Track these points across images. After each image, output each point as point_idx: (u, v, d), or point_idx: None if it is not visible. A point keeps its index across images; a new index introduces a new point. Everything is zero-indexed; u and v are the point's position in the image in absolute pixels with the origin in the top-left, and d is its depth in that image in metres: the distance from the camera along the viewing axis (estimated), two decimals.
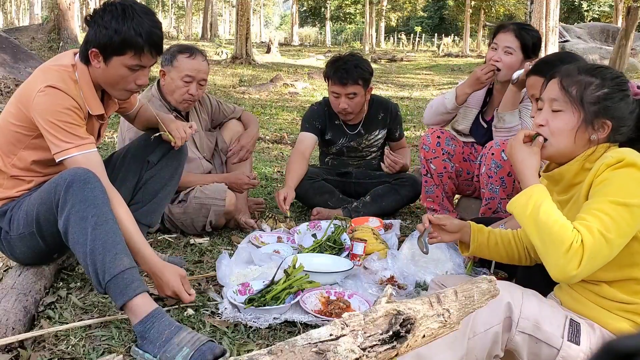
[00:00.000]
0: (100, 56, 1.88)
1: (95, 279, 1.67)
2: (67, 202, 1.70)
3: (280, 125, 6.58)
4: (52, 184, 1.78)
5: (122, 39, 1.83)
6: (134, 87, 1.96)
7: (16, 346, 1.61)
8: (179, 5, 58.50)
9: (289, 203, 2.84)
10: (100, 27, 1.84)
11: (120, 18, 1.83)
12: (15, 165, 1.93)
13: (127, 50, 1.85)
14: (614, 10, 25.87)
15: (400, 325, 0.95)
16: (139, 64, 1.90)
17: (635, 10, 10.31)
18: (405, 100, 10.08)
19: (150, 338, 1.58)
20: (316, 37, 50.97)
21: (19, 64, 8.11)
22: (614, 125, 1.39)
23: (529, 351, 1.31)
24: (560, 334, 1.30)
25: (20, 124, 1.88)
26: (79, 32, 12.26)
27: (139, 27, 1.84)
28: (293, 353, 0.85)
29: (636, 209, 1.25)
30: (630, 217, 1.25)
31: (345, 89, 2.99)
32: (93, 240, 1.65)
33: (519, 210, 1.37)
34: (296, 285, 2.00)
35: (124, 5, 1.86)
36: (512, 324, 1.29)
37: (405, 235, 2.76)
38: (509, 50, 2.67)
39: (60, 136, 1.80)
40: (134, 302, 1.63)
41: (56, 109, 1.80)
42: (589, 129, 1.40)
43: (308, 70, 15.09)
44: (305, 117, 3.28)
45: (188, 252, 2.52)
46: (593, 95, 1.39)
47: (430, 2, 47.09)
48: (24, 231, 1.89)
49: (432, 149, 2.90)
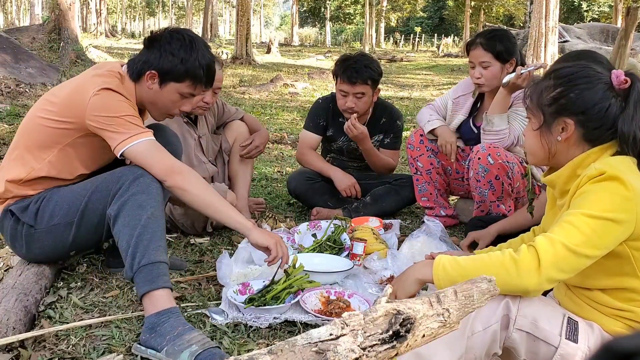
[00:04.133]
0: (157, 79, 1.95)
1: (130, 262, 1.71)
2: (128, 191, 1.78)
3: (280, 126, 6.58)
4: (114, 175, 1.85)
5: (186, 68, 1.93)
6: (176, 113, 2.06)
7: (17, 346, 1.61)
8: (179, 6, 58.52)
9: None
10: (166, 52, 1.93)
11: (188, 48, 1.93)
12: (52, 162, 1.94)
13: (186, 79, 1.95)
14: (614, 10, 25.87)
15: (400, 325, 0.95)
16: (192, 93, 2.01)
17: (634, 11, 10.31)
18: (405, 101, 10.08)
19: (162, 331, 1.61)
20: (316, 37, 50.97)
21: (19, 64, 8.11)
22: (579, 121, 1.36)
23: (526, 349, 1.30)
24: (558, 332, 1.29)
25: (67, 123, 1.89)
26: (80, 33, 12.26)
27: (203, 60, 1.96)
28: (293, 353, 0.85)
29: (610, 222, 1.24)
30: (602, 229, 1.24)
31: (354, 88, 2.98)
32: (144, 226, 1.73)
33: (447, 281, 1.30)
34: (296, 285, 2.00)
35: (191, 36, 1.97)
36: (510, 321, 1.28)
37: (405, 235, 2.76)
38: (485, 64, 2.68)
39: (120, 127, 1.83)
40: (158, 293, 1.68)
41: (115, 108, 1.85)
42: (553, 131, 1.40)
43: (308, 70, 15.09)
44: (310, 114, 3.29)
45: (188, 252, 2.53)
46: (548, 97, 1.39)
47: (430, 2, 47.09)
48: (59, 222, 1.91)
49: (416, 147, 2.95)
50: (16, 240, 1.99)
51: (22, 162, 1.95)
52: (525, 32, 15.38)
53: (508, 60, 2.68)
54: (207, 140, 2.95)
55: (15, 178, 1.94)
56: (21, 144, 1.97)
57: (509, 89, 2.57)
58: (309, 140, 3.23)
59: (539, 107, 1.41)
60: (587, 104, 1.35)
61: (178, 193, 1.86)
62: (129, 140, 1.82)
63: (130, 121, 1.85)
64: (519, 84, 2.54)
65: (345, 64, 3.01)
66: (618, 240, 1.27)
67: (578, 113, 1.36)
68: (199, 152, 2.88)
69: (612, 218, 1.24)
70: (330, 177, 3.12)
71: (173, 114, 2.06)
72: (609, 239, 1.25)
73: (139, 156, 1.84)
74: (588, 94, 1.35)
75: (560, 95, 1.37)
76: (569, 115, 1.37)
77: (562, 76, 1.40)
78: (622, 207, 1.24)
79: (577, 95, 1.36)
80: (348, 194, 3.07)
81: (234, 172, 3.05)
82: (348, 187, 3.06)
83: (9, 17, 47.38)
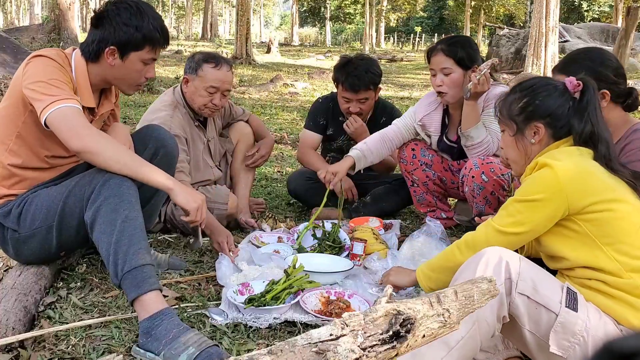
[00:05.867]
0: (117, 53, 1.93)
1: (113, 269, 1.69)
2: (100, 195, 1.74)
3: (280, 125, 6.57)
4: (86, 177, 1.82)
5: (142, 35, 1.91)
6: (144, 81, 2.04)
7: (16, 346, 1.61)
8: (179, 5, 58.49)
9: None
10: (119, 25, 1.90)
11: (138, 14, 1.91)
12: (13, 150, 1.92)
13: (145, 45, 1.94)
14: (614, 10, 25.86)
15: (400, 325, 0.95)
16: (153, 58, 1.99)
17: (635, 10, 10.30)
18: (405, 100, 10.08)
19: (157, 335, 1.59)
20: (316, 37, 50.98)
21: (19, 64, 8.09)
22: (547, 123, 1.55)
23: (529, 318, 1.35)
24: (558, 299, 1.35)
25: (12, 102, 1.89)
26: (79, 32, 12.27)
27: (155, 22, 1.94)
28: (293, 353, 0.85)
29: (533, 202, 1.45)
30: (526, 210, 1.47)
31: (357, 95, 2.97)
32: (120, 231, 1.70)
33: (430, 282, 1.67)
34: (296, 285, 2.00)
35: (136, 2, 1.94)
36: (512, 285, 1.35)
37: (405, 235, 2.76)
38: (447, 71, 2.61)
39: (44, 91, 1.78)
40: (148, 297, 1.65)
41: (42, 70, 1.82)
42: (527, 135, 1.59)
43: (308, 70, 15.09)
44: (310, 113, 3.29)
45: (188, 252, 2.52)
46: (517, 108, 1.60)
47: (430, 2, 47.09)
48: (40, 226, 1.90)
49: (409, 161, 2.91)
50: (5, 244, 1.99)
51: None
52: (526, 32, 15.38)
53: (470, 67, 2.60)
54: (215, 144, 2.95)
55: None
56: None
57: (472, 98, 2.52)
58: (310, 140, 3.23)
59: (511, 118, 1.61)
60: (550, 107, 1.55)
61: (88, 157, 1.78)
62: (50, 107, 1.76)
63: (55, 85, 1.80)
64: (480, 90, 2.48)
65: (345, 70, 2.99)
66: (550, 217, 1.45)
67: (545, 116, 1.56)
68: (207, 156, 2.88)
69: (535, 199, 1.44)
70: None
71: (140, 83, 2.03)
72: (536, 217, 1.45)
73: (55, 123, 1.76)
74: (550, 99, 1.56)
75: (527, 104, 1.58)
76: (538, 120, 1.56)
77: (525, 88, 1.61)
78: (546, 188, 1.43)
79: (541, 102, 1.56)
80: (345, 196, 3.07)
81: (236, 171, 3.05)
82: (345, 190, 3.06)
83: (9, 16, 47.41)
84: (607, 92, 1.85)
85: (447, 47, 2.61)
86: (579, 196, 1.41)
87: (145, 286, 1.65)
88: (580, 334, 1.33)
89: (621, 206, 1.41)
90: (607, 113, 1.88)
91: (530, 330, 1.36)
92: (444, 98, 2.68)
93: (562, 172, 1.42)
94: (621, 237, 1.40)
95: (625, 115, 1.93)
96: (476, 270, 1.36)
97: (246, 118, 3.15)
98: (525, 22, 28.00)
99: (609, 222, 1.40)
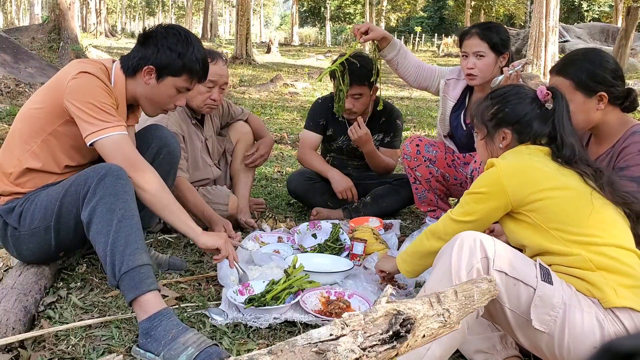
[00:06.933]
0: (155, 74, 1.95)
1: (110, 270, 1.68)
2: (96, 194, 1.74)
3: (280, 125, 6.57)
4: (81, 177, 1.81)
5: (183, 62, 1.95)
6: (171, 107, 2.07)
7: (16, 346, 1.61)
8: (179, 5, 58.52)
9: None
10: (163, 47, 1.94)
11: (184, 43, 1.96)
12: (35, 153, 1.93)
13: (184, 73, 1.97)
14: (614, 10, 25.87)
15: (400, 325, 0.95)
16: (188, 87, 2.03)
17: (635, 10, 10.31)
18: (405, 100, 10.08)
19: (156, 336, 1.59)
20: (316, 37, 50.99)
21: (19, 64, 8.11)
22: (515, 129, 1.67)
23: (508, 295, 1.40)
24: (534, 274, 1.41)
25: (48, 109, 1.90)
26: (79, 32, 12.25)
27: (199, 54, 1.99)
28: (293, 353, 0.85)
29: (478, 195, 1.59)
30: (473, 201, 1.61)
31: (351, 90, 2.98)
32: (117, 232, 1.69)
33: (406, 265, 1.80)
34: (296, 285, 2.00)
35: (186, 32, 2.00)
36: (489, 262, 1.41)
37: (405, 235, 2.76)
38: (480, 54, 2.64)
39: (95, 115, 1.82)
40: (146, 298, 1.64)
41: (90, 91, 1.84)
42: (496, 140, 1.72)
43: (308, 70, 15.09)
44: (310, 114, 3.29)
45: (188, 252, 2.52)
46: (488, 114, 1.72)
47: (430, 2, 47.09)
48: (38, 225, 1.90)
49: (413, 157, 2.91)
50: (6, 242, 1.99)
51: (10, 155, 1.95)
52: (526, 32, 15.38)
53: (502, 54, 2.65)
54: (213, 142, 2.95)
55: (5, 172, 1.94)
56: (14, 135, 1.96)
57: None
58: (310, 140, 3.23)
59: (483, 123, 1.74)
60: (518, 115, 1.67)
61: (136, 192, 1.83)
62: (100, 133, 1.81)
63: (104, 109, 1.83)
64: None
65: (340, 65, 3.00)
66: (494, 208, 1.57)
67: (513, 123, 1.67)
68: (205, 154, 2.88)
69: (480, 192, 1.59)
70: (328, 179, 3.11)
71: (168, 108, 2.06)
72: (480, 208, 1.59)
73: (105, 150, 1.83)
74: (519, 107, 1.67)
75: (498, 111, 1.70)
76: (506, 126, 1.68)
77: (497, 96, 1.73)
78: (488, 183, 1.57)
79: (510, 110, 1.68)
80: (344, 196, 3.06)
81: (236, 171, 3.05)
82: (344, 189, 3.05)
83: (9, 16, 47.39)
84: (604, 95, 1.84)
85: (482, 32, 2.65)
86: (519, 189, 1.53)
87: (143, 287, 1.65)
88: (558, 307, 1.38)
89: (562, 192, 1.51)
90: (605, 115, 1.88)
91: (511, 309, 1.41)
92: (473, 80, 2.70)
93: (503, 169, 1.55)
94: (565, 220, 1.49)
95: (623, 117, 1.92)
96: (452, 250, 1.45)
97: (245, 117, 3.15)
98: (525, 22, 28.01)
99: (550, 208, 1.50)
